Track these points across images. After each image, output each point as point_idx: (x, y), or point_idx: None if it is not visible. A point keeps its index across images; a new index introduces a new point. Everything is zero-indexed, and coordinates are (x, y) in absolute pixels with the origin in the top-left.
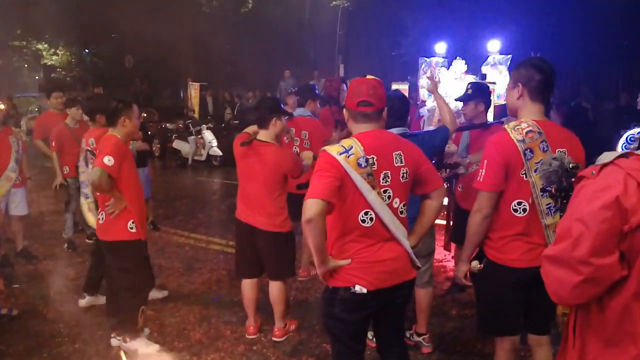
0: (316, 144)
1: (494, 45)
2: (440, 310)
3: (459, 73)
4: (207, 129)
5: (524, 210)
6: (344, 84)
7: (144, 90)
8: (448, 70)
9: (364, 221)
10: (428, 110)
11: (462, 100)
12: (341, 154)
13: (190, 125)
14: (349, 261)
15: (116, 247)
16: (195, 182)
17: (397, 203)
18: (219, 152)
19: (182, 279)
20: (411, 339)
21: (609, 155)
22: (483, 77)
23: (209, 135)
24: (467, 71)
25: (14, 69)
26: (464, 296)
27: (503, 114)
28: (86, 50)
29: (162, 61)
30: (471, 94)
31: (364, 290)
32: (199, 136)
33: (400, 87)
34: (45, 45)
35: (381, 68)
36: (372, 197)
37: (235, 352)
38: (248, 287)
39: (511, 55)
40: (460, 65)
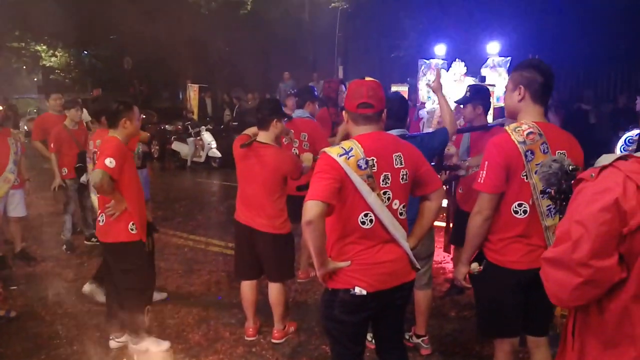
0: (316, 145)
1: (493, 48)
2: (439, 312)
3: (459, 75)
4: (206, 130)
5: (525, 211)
6: (342, 85)
7: (143, 91)
8: (447, 72)
9: (363, 223)
10: (427, 112)
11: (461, 103)
12: (341, 155)
13: (189, 127)
14: (348, 263)
15: (117, 248)
16: (194, 184)
17: (397, 205)
18: (218, 154)
19: (181, 280)
20: (410, 340)
21: (608, 158)
22: (482, 79)
23: (208, 137)
24: (467, 73)
25: (13, 70)
26: (463, 298)
27: (501, 116)
28: (85, 52)
29: (161, 63)
30: (469, 97)
31: (364, 292)
32: (198, 138)
33: (400, 89)
34: (44, 47)
35: (380, 70)
36: (372, 199)
37: (235, 353)
38: (247, 288)
39: (510, 58)
40: (459, 67)
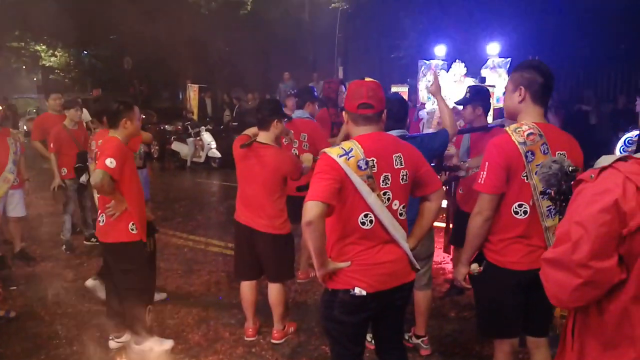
0: (317, 145)
1: (493, 48)
2: (439, 312)
3: (459, 76)
4: (206, 130)
5: (525, 212)
6: (342, 86)
7: (143, 91)
8: (447, 73)
9: (363, 223)
10: (427, 113)
11: (460, 104)
12: (341, 156)
13: (189, 127)
14: (348, 263)
15: (117, 248)
16: (194, 184)
17: (397, 205)
18: (217, 154)
19: (181, 280)
20: (410, 341)
21: (608, 159)
22: (482, 80)
23: (207, 137)
24: (467, 74)
25: (12, 70)
26: (462, 298)
27: (501, 117)
28: (85, 52)
29: (161, 63)
30: (469, 98)
31: (364, 293)
32: (198, 138)
33: (400, 90)
34: (44, 47)
35: (380, 70)
36: (372, 200)
37: (234, 354)
38: (247, 289)
39: (510, 59)
40: (459, 68)
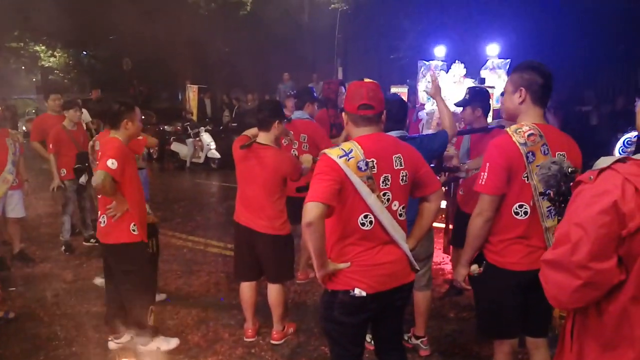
0: (320, 146)
1: (492, 49)
2: (438, 313)
3: (458, 77)
4: (206, 131)
5: (525, 213)
6: (342, 86)
7: (142, 92)
8: (447, 73)
9: (363, 224)
10: (427, 114)
11: (460, 105)
12: (341, 157)
13: (189, 128)
14: (348, 264)
15: (119, 249)
16: (193, 185)
17: (397, 206)
18: (217, 155)
19: (180, 281)
20: (409, 341)
21: (607, 160)
22: (482, 81)
23: (207, 138)
24: (466, 75)
25: (11, 70)
26: (462, 299)
27: (497, 117)
28: (84, 53)
29: (160, 63)
30: (468, 99)
31: (363, 294)
32: (197, 139)
33: (399, 90)
34: (43, 47)
35: (380, 71)
36: (372, 200)
37: (234, 355)
38: (247, 289)
39: (510, 60)
40: (459, 68)
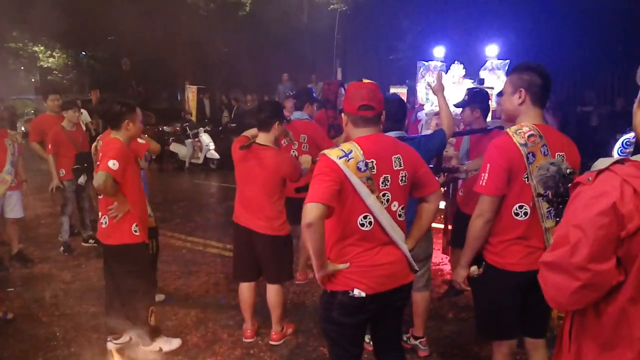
0: (320, 146)
1: (492, 50)
2: (437, 313)
3: (457, 77)
4: (205, 132)
5: (525, 213)
6: (341, 87)
7: (141, 92)
8: (446, 74)
9: (362, 225)
10: (426, 114)
11: (459, 106)
12: (341, 157)
13: (188, 128)
14: (347, 265)
15: (120, 250)
16: (192, 185)
17: (396, 206)
18: (216, 155)
19: (179, 282)
20: (408, 342)
21: (605, 162)
22: (481, 81)
23: (206, 139)
24: (465, 76)
25: (10, 71)
26: (461, 299)
27: (495, 118)
28: (83, 53)
29: (159, 64)
30: (467, 100)
31: (363, 294)
32: (196, 139)
33: (399, 91)
34: (42, 48)
35: (379, 71)
36: (371, 201)
37: (233, 355)
38: (246, 290)
39: (509, 60)
40: (458, 69)
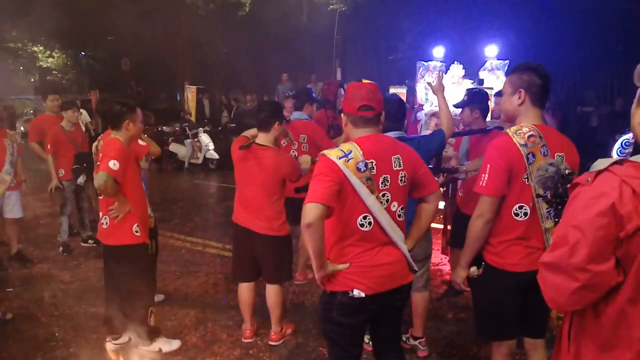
0: (320, 146)
1: (491, 51)
2: (436, 313)
3: (457, 78)
4: (204, 132)
5: (525, 214)
6: (341, 88)
7: (141, 93)
8: (445, 74)
9: (362, 225)
10: (425, 114)
11: (458, 106)
12: (340, 158)
13: (187, 129)
14: (347, 265)
15: (121, 251)
16: (191, 185)
17: (396, 207)
18: (215, 156)
19: (179, 282)
20: (407, 342)
21: (604, 162)
22: (480, 82)
23: (205, 139)
24: (465, 76)
25: (10, 71)
26: (460, 300)
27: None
28: (82, 53)
29: (159, 64)
30: (467, 101)
31: (362, 295)
32: (196, 139)
33: (398, 91)
34: (41, 48)
35: (378, 72)
36: (371, 201)
37: (232, 356)
38: (245, 290)
39: (508, 61)
40: (457, 69)
